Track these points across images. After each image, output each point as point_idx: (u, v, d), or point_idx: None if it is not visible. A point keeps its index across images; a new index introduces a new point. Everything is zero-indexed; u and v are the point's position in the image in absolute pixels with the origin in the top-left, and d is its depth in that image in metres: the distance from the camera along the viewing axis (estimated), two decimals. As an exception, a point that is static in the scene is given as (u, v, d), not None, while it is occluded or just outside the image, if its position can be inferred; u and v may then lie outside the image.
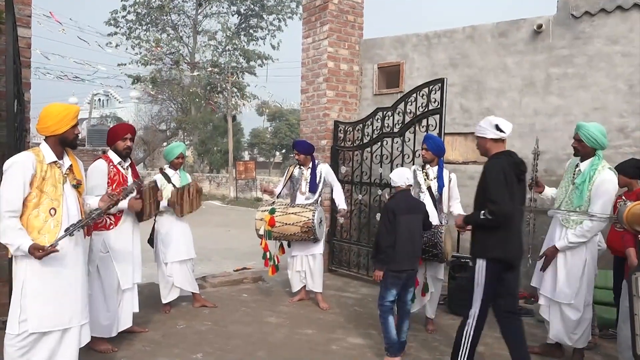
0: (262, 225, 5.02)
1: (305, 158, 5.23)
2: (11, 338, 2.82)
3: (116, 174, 3.86)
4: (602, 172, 3.64)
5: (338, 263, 6.77)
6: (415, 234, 3.86)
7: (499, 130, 3.29)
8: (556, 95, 5.62)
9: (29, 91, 4.40)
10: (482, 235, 3.33)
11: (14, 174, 2.78)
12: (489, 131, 3.32)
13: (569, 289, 3.77)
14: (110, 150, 3.99)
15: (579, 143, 3.73)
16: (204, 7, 29.64)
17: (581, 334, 3.81)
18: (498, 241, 3.26)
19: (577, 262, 3.75)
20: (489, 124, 3.32)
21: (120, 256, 3.89)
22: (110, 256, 3.85)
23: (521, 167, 3.28)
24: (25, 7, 4.32)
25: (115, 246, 3.86)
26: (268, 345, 4.15)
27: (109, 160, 3.89)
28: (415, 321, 4.72)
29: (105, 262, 3.84)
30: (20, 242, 2.73)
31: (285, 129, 35.06)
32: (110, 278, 3.86)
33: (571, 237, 3.69)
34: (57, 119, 2.92)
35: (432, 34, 6.54)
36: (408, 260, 3.82)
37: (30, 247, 2.72)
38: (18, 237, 2.74)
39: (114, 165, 3.89)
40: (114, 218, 3.86)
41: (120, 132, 3.97)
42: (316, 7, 6.91)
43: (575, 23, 5.49)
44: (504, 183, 3.15)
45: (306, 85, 7.17)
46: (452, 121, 6.18)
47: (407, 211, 3.82)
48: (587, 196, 3.67)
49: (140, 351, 3.94)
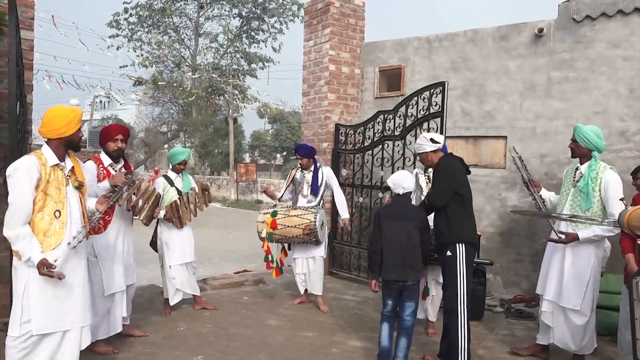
0: (264, 227, 5.03)
1: (308, 161, 5.24)
2: (12, 340, 2.82)
3: (105, 176, 3.81)
4: (605, 172, 3.63)
5: (339, 266, 6.77)
6: (403, 243, 3.59)
7: (434, 142, 3.78)
8: (557, 98, 5.62)
9: (31, 93, 4.41)
10: (454, 220, 3.63)
11: (20, 179, 2.78)
12: (427, 145, 3.79)
13: (575, 293, 3.70)
14: (102, 152, 3.95)
15: (574, 144, 3.80)
16: (205, 10, 29.68)
17: (587, 340, 3.75)
18: (470, 225, 3.70)
19: (584, 266, 3.70)
20: (425, 140, 3.80)
21: (107, 261, 3.84)
22: (98, 261, 3.79)
23: (464, 162, 3.83)
24: (28, 10, 4.34)
25: (102, 251, 3.81)
26: (268, 348, 4.15)
27: (99, 162, 3.85)
28: (416, 324, 4.71)
29: (94, 266, 3.76)
30: (31, 254, 2.75)
31: (286, 132, 35.09)
32: (98, 282, 3.79)
33: (598, 231, 3.59)
34: (66, 121, 2.92)
35: (434, 38, 6.55)
36: (395, 271, 3.60)
37: (39, 263, 2.73)
38: (30, 249, 2.76)
39: (104, 167, 3.85)
40: (102, 222, 3.76)
41: (112, 133, 3.92)
42: (318, 10, 6.93)
43: (576, 27, 5.50)
44: (451, 176, 3.66)
45: (307, 88, 7.19)
46: (453, 124, 6.19)
47: (394, 218, 3.66)
48: (594, 198, 3.64)
49: (140, 353, 3.94)
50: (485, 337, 4.59)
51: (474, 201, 6.08)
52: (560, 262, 3.82)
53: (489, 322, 4.99)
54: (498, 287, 5.99)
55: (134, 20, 27.91)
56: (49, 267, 2.74)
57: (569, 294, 3.73)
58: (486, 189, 6.05)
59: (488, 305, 5.37)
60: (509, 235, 5.93)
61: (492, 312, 5.30)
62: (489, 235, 5.99)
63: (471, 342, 3.67)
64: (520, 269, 5.80)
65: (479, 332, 4.70)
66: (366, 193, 6.41)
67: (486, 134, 6.11)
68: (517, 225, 5.84)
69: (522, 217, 5.62)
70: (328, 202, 6.25)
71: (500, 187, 5.89)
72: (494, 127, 6.05)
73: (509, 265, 5.93)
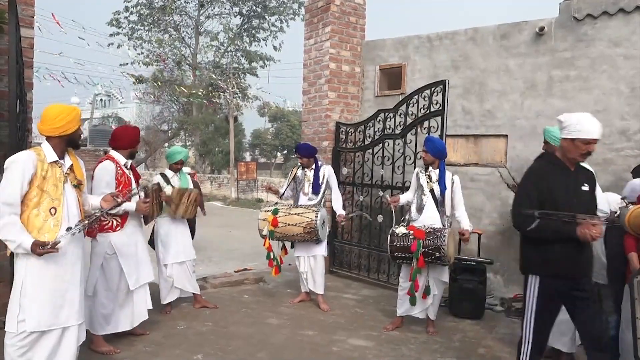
0: (265, 225, 5.03)
1: (308, 161, 5.25)
2: (11, 337, 2.83)
3: (122, 175, 3.90)
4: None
5: (339, 264, 6.76)
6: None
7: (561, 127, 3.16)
8: (558, 97, 5.61)
9: (31, 91, 4.41)
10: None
11: (13, 172, 2.79)
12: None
13: None
14: (113, 151, 4.00)
15: (547, 145, 3.93)
16: (206, 8, 29.63)
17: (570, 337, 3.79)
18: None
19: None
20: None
21: (127, 257, 3.92)
22: (117, 257, 3.87)
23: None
24: (28, 8, 4.33)
25: (122, 247, 3.89)
26: (269, 347, 4.15)
27: (115, 162, 3.92)
28: (416, 323, 4.72)
29: (111, 263, 3.86)
30: (22, 239, 2.73)
31: (287, 130, 35.06)
32: (115, 278, 3.88)
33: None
34: (68, 119, 2.94)
35: (434, 36, 6.54)
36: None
37: (33, 243, 2.72)
38: (19, 234, 2.74)
39: (120, 167, 3.92)
40: (120, 219, 3.88)
41: (139, 137, 4.15)
42: (318, 8, 6.91)
43: (577, 25, 5.48)
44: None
45: (308, 87, 7.18)
46: (454, 123, 6.18)
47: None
48: None
49: (141, 352, 3.94)
50: (486, 336, 4.59)
51: (474, 200, 6.10)
52: None
53: (489, 321, 4.99)
54: (498, 286, 5.99)
55: (135, 19, 27.89)
56: (43, 245, 2.71)
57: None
58: (487, 187, 6.04)
59: (488, 304, 5.37)
60: (510, 234, 5.91)
61: (493, 311, 5.30)
62: (490, 234, 5.98)
63: (471, 341, 3.65)
64: (521, 268, 5.79)
65: (479, 331, 4.70)
66: (367, 192, 6.40)
67: (487, 132, 6.10)
68: (517, 224, 5.83)
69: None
70: (329, 201, 6.24)
71: (500, 186, 5.86)
72: (494, 126, 6.04)
73: (509, 263, 5.91)
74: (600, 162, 5.13)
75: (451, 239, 4.36)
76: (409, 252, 4.35)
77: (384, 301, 5.47)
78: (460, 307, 5.10)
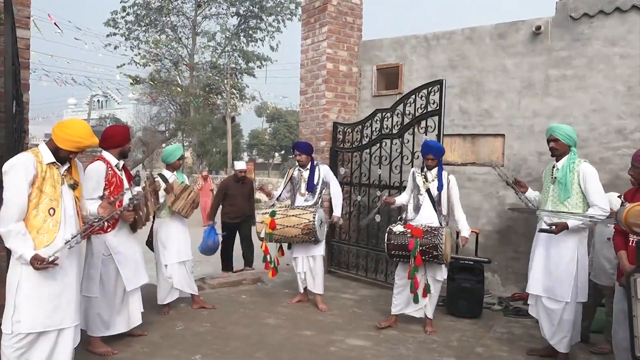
0: (263, 228, 5.03)
1: (306, 158, 5.24)
2: (8, 339, 2.83)
3: (113, 176, 3.84)
4: (581, 165, 3.76)
5: (337, 264, 6.76)
6: None
7: None
8: (555, 96, 5.62)
9: (27, 92, 4.39)
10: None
11: (16, 176, 2.78)
12: None
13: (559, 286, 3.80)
14: (104, 152, 3.93)
15: (556, 143, 3.87)
16: (203, 9, 29.59)
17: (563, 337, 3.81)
18: None
19: (568, 259, 3.77)
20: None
21: (123, 258, 3.90)
22: (113, 258, 3.84)
23: None
24: (24, 8, 4.31)
25: (117, 248, 3.86)
26: (267, 347, 4.14)
27: (107, 162, 3.86)
28: (414, 322, 4.72)
29: (107, 264, 3.83)
30: (24, 251, 2.75)
31: (284, 130, 35.08)
32: (111, 280, 3.86)
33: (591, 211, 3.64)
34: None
35: (431, 36, 6.54)
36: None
37: (32, 258, 2.73)
38: (22, 245, 2.76)
39: (111, 167, 3.87)
40: (112, 220, 3.80)
41: (129, 135, 4.09)
42: (315, 8, 6.91)
43: (573, 25, 5.49)
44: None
45: (305, 87, 7.17)
46: (451, 122, 6.18)
47: None
48: (572, 190, 3.73)
49: (139, 353, 3.93)
50: (483, 335, 4.60)
51: (472, 199, 6.10)
52: (543, 256, 3.93)
53: (487, 320, 5.00)
54: (496, 285, 6.00)
55: (131, 19, 27.83)
56: (42, 261, 2.73)
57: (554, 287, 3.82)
58: (484, 187, 6.05)
59: (486, 303, 5.37)
60: (507, 233, 5.93)
61: (490, 310, 5.31)
62: (487, 233, 5.99)
63: (469, 340, 3.66)
64: (518, 267, 5.79)
65: (477, 330, 4.71)
66: (364, 191, 6.41)
67: (484, 132, 6.11)
68: (515, 223, 5.85)
69: (520, 215, 5.62)
70: (327, 201, 6.25)
71: (498, 185, 5.88)
72: (491, 125, 6.04)
73: (507, 263, 5.93)
74: (597, 161, 5.14)
75: (448, 238, 4.38)
76: (406, 251, 4.35)
77: (382, 301, 5.47)
78: (458, 306, 5.10)
